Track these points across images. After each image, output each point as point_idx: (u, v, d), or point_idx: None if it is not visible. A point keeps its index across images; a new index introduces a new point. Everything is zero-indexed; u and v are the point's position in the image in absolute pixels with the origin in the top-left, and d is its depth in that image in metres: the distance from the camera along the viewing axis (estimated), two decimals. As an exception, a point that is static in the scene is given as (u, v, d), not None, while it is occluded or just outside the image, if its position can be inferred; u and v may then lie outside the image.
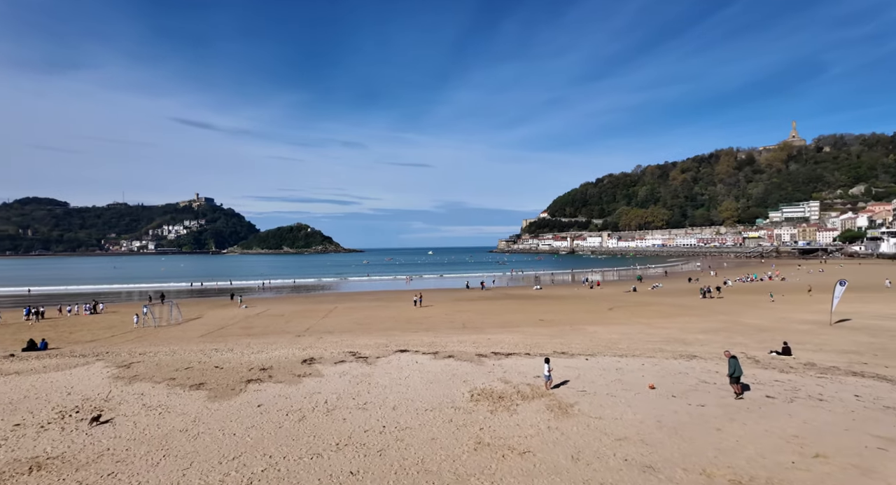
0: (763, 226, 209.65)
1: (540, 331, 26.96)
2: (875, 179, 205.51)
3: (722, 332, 25.84)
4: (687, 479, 8.46)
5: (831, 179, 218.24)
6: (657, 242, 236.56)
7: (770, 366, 17.06)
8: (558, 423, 11.25)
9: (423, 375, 15.75)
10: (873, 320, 28.83)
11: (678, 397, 13.21)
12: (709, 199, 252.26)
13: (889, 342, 22.15)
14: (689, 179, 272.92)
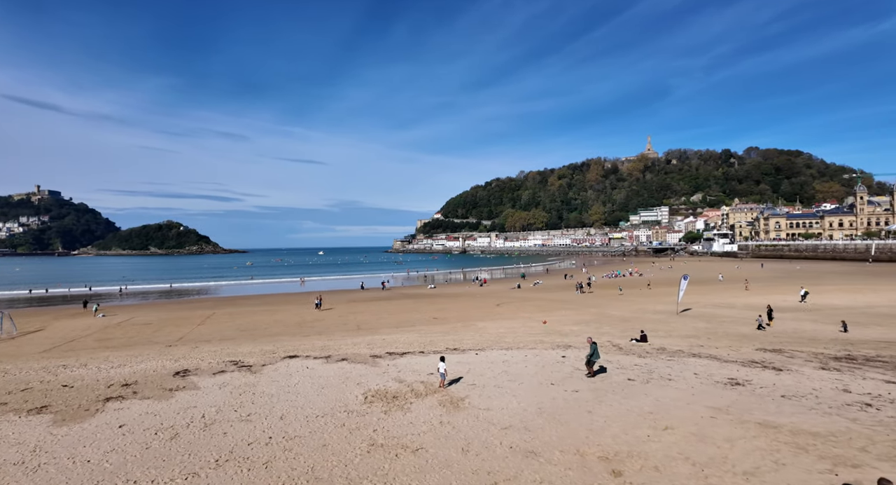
0: (625, 228, 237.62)
1: (434, 329, 27.54)
2: (709, 189, 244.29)
3: (593, 323, 28.74)
4: (563, 459, 9.30)
5: (677, 188, 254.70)
6: (538, 242, 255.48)
7: (631, 352, 19.39)
8: (450, 417, 11.62)
9: (315, 380, 15.20)
10: (708, 309, 34.26)
11: (556, 384, 14.43)
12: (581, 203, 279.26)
13: (719, 327, 26.51)
14: (564, 184, 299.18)
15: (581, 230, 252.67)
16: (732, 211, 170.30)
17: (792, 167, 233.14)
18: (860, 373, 15.33)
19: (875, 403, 12.31)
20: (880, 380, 14.44)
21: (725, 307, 34.77)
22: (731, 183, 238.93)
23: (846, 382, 14.25)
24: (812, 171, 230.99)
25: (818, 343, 20.94)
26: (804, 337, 22.87)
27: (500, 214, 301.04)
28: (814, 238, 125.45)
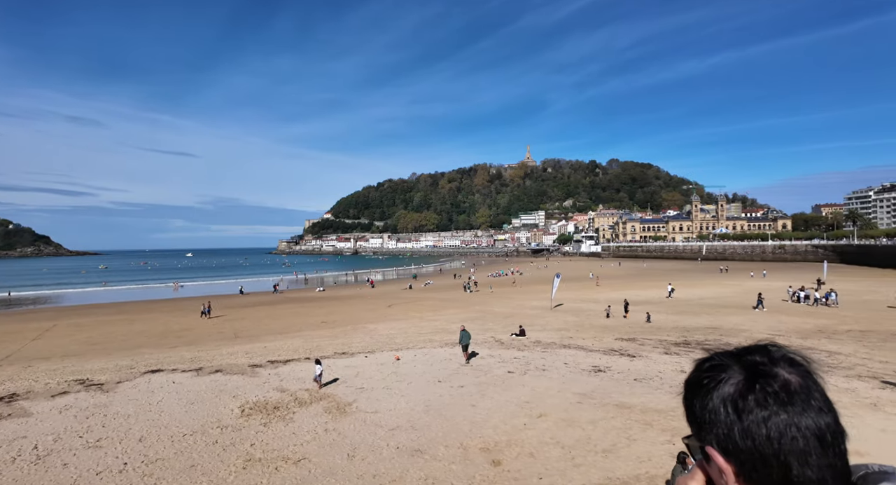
0: (508, 230, 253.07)
1: (322, 333, 26.59)
2: (579, 195, 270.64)
3: (478, 320, 30.09)
4: (447, 454, 9.62)
5: (552, 194, 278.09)
6: (430, 243, 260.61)
7: (511, 346, 20.69)
8: (336, 424, 11.34)
9: (182, 396, 13.75)
10: (577, 304, 37.91)
11: (443, 381, 14.86)
12: (469, 206, 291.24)
13: (586, 320, 29.48)
14: (454, 188, 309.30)
15: (469, 232, 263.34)
16: (597, 216, 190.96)
17: (645, 178, 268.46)
18: (693, 355, 18.15)
19: (703, 379, 14.69)
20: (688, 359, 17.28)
21: (591, 302, 38.77)
22: (597, 191, 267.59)
23: (683, 364, 16.80)
24: (660, 181, 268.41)
25: (662, 331, 24.35)
26: (651, 326, 26.42)
27: (393, 215, 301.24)
28: (661, 240, 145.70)
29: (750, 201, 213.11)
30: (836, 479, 0.66)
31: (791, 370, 0.73)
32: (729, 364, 0.75)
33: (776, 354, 0.75)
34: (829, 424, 0.69)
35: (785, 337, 21.57)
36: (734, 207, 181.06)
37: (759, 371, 0.72)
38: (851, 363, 16.51)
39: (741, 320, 26.82)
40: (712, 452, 0.73)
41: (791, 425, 0.67)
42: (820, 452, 0.66)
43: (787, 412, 0.68)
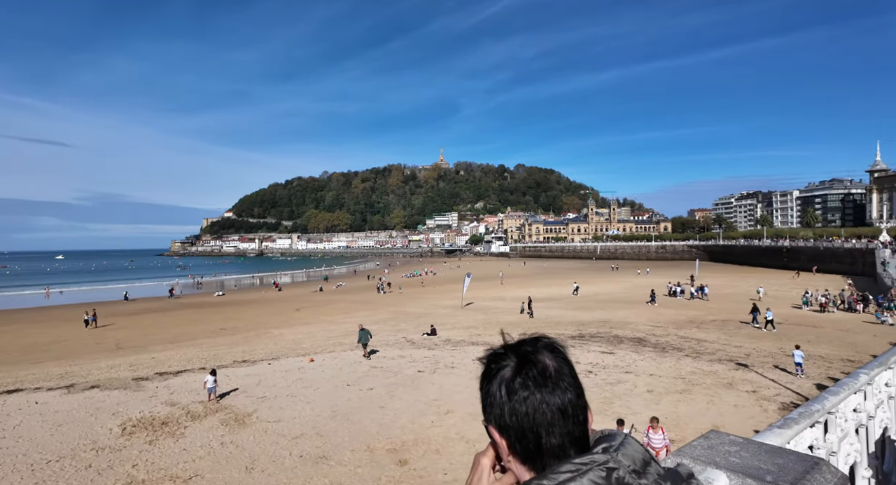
0: (422, 231, 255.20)
1: (220, 341, 24.80)
2: (489, 198, 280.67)
3: (391, 321, 30.01)
4: (354, 458, 9.53)
5: (465, 196, 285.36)
6: (342, 243, 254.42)
7: (422, 345, 20.94)
8: (234, 436, 10.69)
9: (48, 418, 12.10)
10: (486, 302, 39.32)
11: (352, 384, 14.65)
12: (384, 206, 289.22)
13: (493, 317, 30.69)
14: (368, 187, 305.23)
15: (384, 233, 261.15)
16: (506, 218, 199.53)
17: (548, 183, 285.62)
18: (587, 347, 19.73)
19: (594, 370, 16.02)
20: (598, 351, 18.86)
21: (499, 300, 40.45)
22: (506, 194, 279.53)
23: (577, 355, 18.17)
24: (561, 186, 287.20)
25: (561, 325, 26.12)
26: (551, 321, 28.22)
27: (303, 214, 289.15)
28: (562, 241, 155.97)
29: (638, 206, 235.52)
30: (573, 443, 0.81)
31: (551, 357, 0.87)
32: (508, 354, 0.89)
33: (542, 343, 0.90)
34: (571, 400, 0.83)
35: (663, 327, 24.24)
36: (624, 210, 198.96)
37: (528, 359, 0.87)
38: (714, 349, 19.01)
39: (628, 314, 29.62)
40: (490, 429, 0.88)
41: (543, 403, 0.81)
42: (562, 423, 0.81)
43: (541, 392, 0.82)
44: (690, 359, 17.25)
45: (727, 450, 1.73)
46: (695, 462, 1.63)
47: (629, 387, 13.90)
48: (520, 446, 0.83)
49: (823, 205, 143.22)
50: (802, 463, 1.63)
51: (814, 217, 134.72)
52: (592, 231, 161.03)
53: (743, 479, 1.53)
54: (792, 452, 1.78)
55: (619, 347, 19.71)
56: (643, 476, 0.75)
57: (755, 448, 1.75)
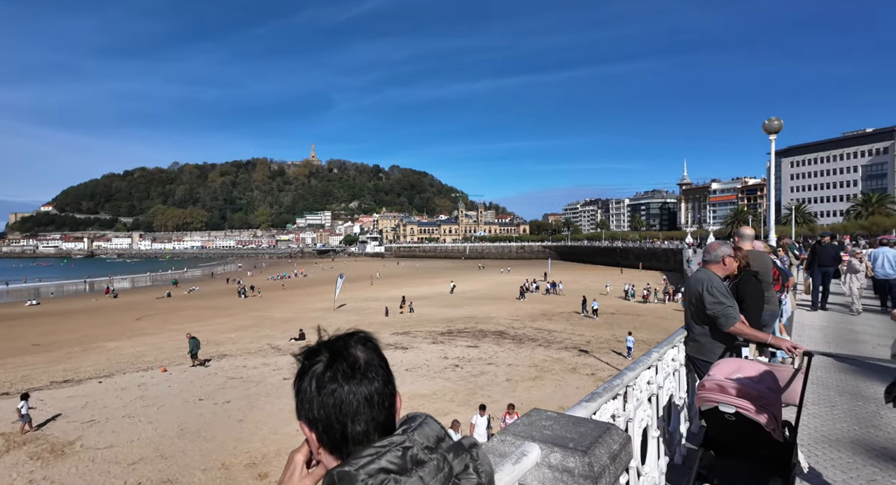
0: (292, 230, 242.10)
1: (34, 359, 20.60)
2: (364, 197, 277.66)
3: (253, 327, 27.95)
4: (206, 478, 8.71)
5: (339, 195, 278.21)
6: (196, 243, 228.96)
7: (290, 351, 19.90)
8: (48, 470, 9.01)
9: None
10: (360, 303, 38.83)
11: (205, 399, 13.34)
12: (247, 203, 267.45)
13: (366, 318, 30.47)
14: (228, 182, 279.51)
15: (247, 232, 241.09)
16: (381, 218, 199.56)
17: (421, 185, 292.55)
18: (454, 343, 20.69)
19: (461, 363, 16.89)
20: (464, 346, 19.91)
21: (372, 300, 40.27)
22: (381, 194, 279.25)
23: (446, 351, 18.98)
24: (434, 188, 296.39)
25: (432, 323, 26.99)
26: (423, 319, 29.02)
27: (148, 210, 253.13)
28: (435, 241, 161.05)
29: (501, 209, 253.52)
30: (377, 429, 0.89)
31: (363, 350, 0.93)
32: (322, 350, 0.93)
33: (356, 338, 0.96)
34: (377, 388, 0.89)
35: (520, 320, 26.51)
36: (490, 213, 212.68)
37: (339, 353, 0.91)
38: (562, 338, 21.37)
39: (492, 309, 31.77)
40: (301, 424, 0.91)
41: (350, 393, 0.87)
42: (368, 410, 0.87)
43: (349, 384, 0.87)
44: (543, 348, 19.16)
45: (543, 424, 2.02)
46: (515, 437, 1.88)
47: (491, 377, 14.94)
48: (327, 437, 0.88)
49: (647, 212, 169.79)
50: (598, 429, 1.97)
51: (640, 222, 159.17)
52: (462, 232, 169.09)
53: (551, 448, 1.80)
54: (592, 421, 2.14)
55: (484, 340, 21.05)
56: (434, 451, 0.85)
57: (565, 421, 2.07)
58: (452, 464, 0.85)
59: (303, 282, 66.45)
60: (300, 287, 55.87)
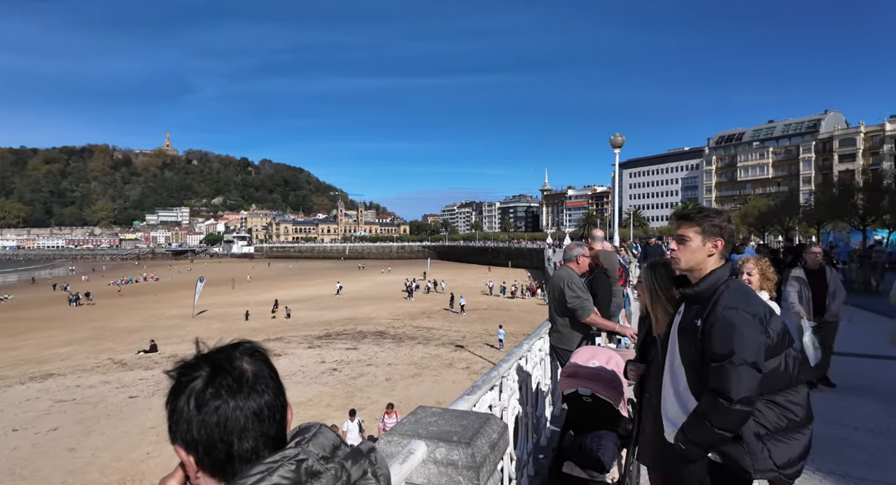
0: (140, 228, 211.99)
1: None
2: (230, 193, 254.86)
3: (90, 340, 23.94)
4: (25, 524, 7.25)
5: (199, 189, 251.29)
6: (11, 243, 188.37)
7: (137, 366, 17.46)
8: None
9: None
10: (224, 309, 35.54)
11: (22, 429, 11.07)
12: (81, 196, 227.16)
13: (232, 324, 28.00)
14: (56, 171, 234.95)
15: (82, 229, 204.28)
16: (250, 216, 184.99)
17: (297, 181, 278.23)
18: (333, 346, 20.09)
19: (339, 366, 16.46)
20: (343, 348, 19.45)
21: (240, 305, 37.15)
22: (250, 190, 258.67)
23: (323, 355, 18.33)
24: (311, 186, 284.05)
25: (308, 327, 25.85)
26: (299, 323, 27.65)
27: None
28: (312, 241, 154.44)
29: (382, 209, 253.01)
30: (268, 444, 0.82)
31: (250, 361, 0.85)
32: (201, 364, 0.83)
33: (242, 349, 0.87)
34: (267, 401, 0.82)
35: (401, 319, 26.75)
36: (370, 213, 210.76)
37: (222, 367, 0.82)
38: (440, 335, 22.06)
39: (372, 310, 31.51)
40: (176, 447, 0.81)
41: (237, 409, 0.78)
42: (257, 426, 0.80)
43: (235, 399, 0.79)
44: (421, 346, 19.57)
45: (429, 421, 2.07)
46: (402, 437, 1.90)
47: (370, 378, 14.82)
48: (209, 458, 0.79)
49: (515, 214, 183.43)
50: (479, 420, 2.08)
51: (509, 224, 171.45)
52: (342, 232, 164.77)
53: (437, 443, 1.86)
54: (473, 413, 2.26)
55: (363, 342, 20.78)
56: (331, 461, 0.81)
57: (449, 415, 2.15)
58: (350, 471, 0.82)
59: (153, 287, 58.74)
60: (150, 293, 49.28)
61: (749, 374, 1.69)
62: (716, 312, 1.78)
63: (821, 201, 30.87)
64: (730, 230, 1.94)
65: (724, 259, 1.93)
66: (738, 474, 1.80)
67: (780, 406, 1.86)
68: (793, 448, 1.85)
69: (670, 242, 1.98)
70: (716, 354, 1.74)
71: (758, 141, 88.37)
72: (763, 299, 1.83)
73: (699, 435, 1.76)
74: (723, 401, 1.69)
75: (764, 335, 1.77)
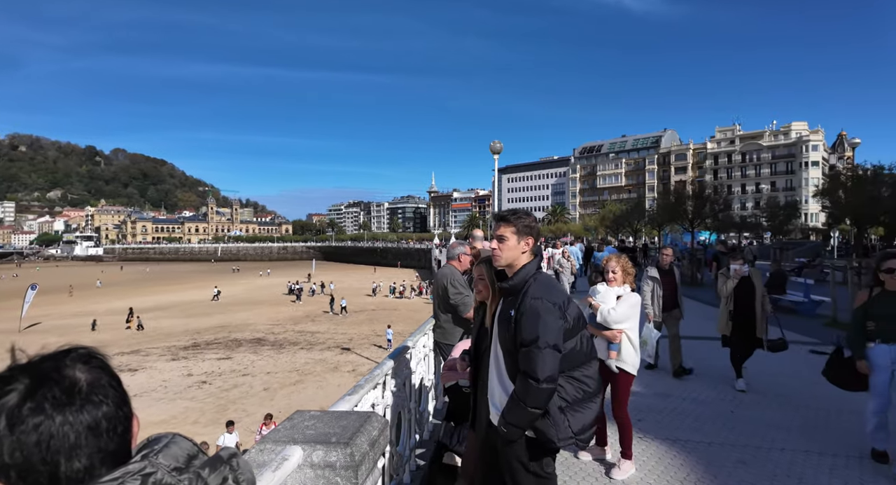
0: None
1: None
2: (71, 186, 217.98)
3: None
4: None
5: (29, 181, 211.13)
6: None
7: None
8: None
9: None
10: (65, 320, 30.27)
11: None
12: None
13: (76, 338, 23.88)
14: None
15: None
16: (98, 212, 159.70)
17: (158, 174, 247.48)
18: (202, 357, 18.27)
19: (209, 379, 15.03)
20: (214, 359, 17.81)
21: (86, 316, 31.94)
22: (98, 182, 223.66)
23: (190, 367, 16.59)
24: (175, 180, 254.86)
25: (172, 337, 23.18)
26: (162, 333, 24.65)
27: None
28: (177, 241, 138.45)
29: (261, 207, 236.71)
30: (106, 460, 0.70)
31: (85, 369, 0.74)
32: (17, 376, 0.71)
33: (74, 355, 0.76)
34: (106, 413, 0.71)
35: (282, 324, 25.31)
36: (247, 211, 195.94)
37: (47, 377, 0.71)
38: (325, 339, 21.33)
39: (249, 315, 29.33)
40: None
41: (65, 424, 0.68)
42: (92, 441, 0.69)
43: (63, 413, 0.68)
44: (305, 351, 18.73)
45: (306, 425, 2.00)
46: (276, 444, 1.81)
47: (246, 389, 13.79)
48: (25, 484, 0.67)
49: (403, 215, 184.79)
50: (360, 419, 2.07)
51: (398, 224, 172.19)
52: (213, 231, 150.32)
53: (314, 447, 1.81)
54: (354, 413, 2.24)
55: (238, 350, 19.25)
56: (185, 471, 0.73)
57: (328, 417, 2.10)
58: (208, 480, 0.74)
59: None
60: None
61: (552, 355, 1.92)
62: (524, 302, 1.99)
63: (661, 207, 36.12)
64: (537, 230, 2.20)
65: (534, 255, 2.15)
66: (546, 446, 2.02)
67: (578, 380, 2.08)
68: (587, 416, 2.07)
69: (492, 241, 2.18)
70: (525, 339, 1.94)
71: (613, 153, 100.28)
72: (564, 289, 2.10)
73: (516, 416, 1.95)
74: (532, 381, 1.89)
75: (563, 320, 1.99)
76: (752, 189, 76.67)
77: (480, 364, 2.41)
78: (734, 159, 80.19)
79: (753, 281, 5.41)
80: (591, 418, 2.10)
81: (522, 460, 2.05)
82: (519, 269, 2.10)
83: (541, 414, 1.95)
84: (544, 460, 2.08)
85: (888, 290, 3.37)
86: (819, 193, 32.98)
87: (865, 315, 3.43)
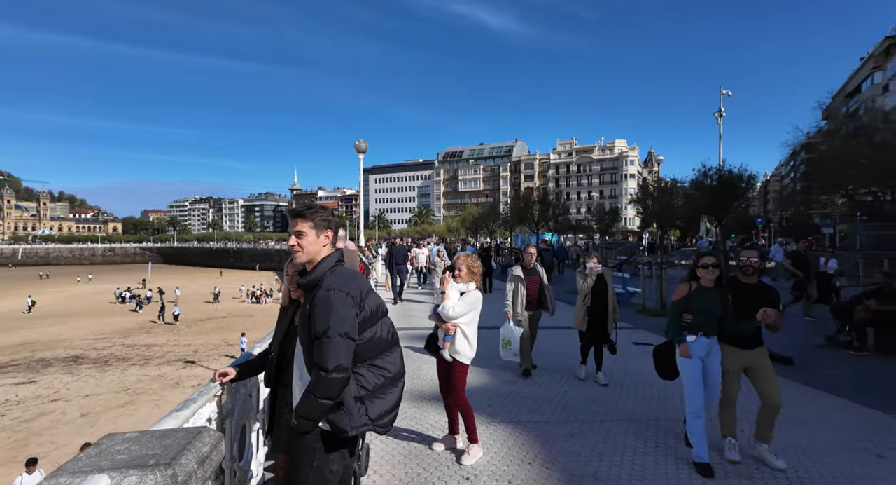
0: None
1: None
2: None
3: None
4: None
5: None
6: None
7: None
8: None
9: None
10: None
11: None
12: None
13: None
14: None
15: None
16: None
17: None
18: None
19: (1, 410, 12.16)
20: (11, 384, 14.47)
21: None
22: None
23: (-28, 398, 13.23)
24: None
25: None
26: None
27: None
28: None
29: (79, 202, 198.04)
30: None
31: None
32: None
33: None
34: None
35: (108, 338, 21.61)
36: (60, 206, 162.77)
37: None
38: (164, 352, 18.79)
39: (63, 330, 24.47)
40: None
41: None
42: None
43: None
44: (137, 367, 16.27)
45: (117, 449, 1.74)
46: (73, 476, 1.54)
47: (56, 417, 11.48)
48: None
49: (261, 213, 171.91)
50: (188, 436, 1.85)
51: (255, 223, 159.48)
52: (11, 230, 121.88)
53: (125, 473, 1.57)
54: (181, 429, 2.00)
55: (46, 372, 15.93)
56: None
57: (147, 438, 1.85)
58: None
59: None
60: None
61: (344, 344, 1.91)
62: (318, 294, 1.97)
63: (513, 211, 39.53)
64: (336, 223, 2.16)
65: (334, 248, 2.13)
66: (339, 435, 1.99)
67: (378, 367, 2.09)
68: (387, 402, 2.08)
69: (290, 238, 2.11)
70: (318, 331, 1.92)
71: (473, 159, 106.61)
72: (365, 282, 2.14)
73: (307, 408, 1.91)
74: (322, 373, 1.88)
75: (357, 309, 1.99)
76: (585, 196, 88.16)
77: (285, 365, 2.31)
78: (571, 169, 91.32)
79: (606, 279, 5.84)
80: (392, 403, 2.11)
81: (311, 454, 2.00)
82: (318, 263, 2.05)
83: (332, 405, 1.92)
84: (332, 456, 2.03)
85: (703, 286, 3.61)
86: (633, 201, 39.52)
87: (685, 308, 3.58)
